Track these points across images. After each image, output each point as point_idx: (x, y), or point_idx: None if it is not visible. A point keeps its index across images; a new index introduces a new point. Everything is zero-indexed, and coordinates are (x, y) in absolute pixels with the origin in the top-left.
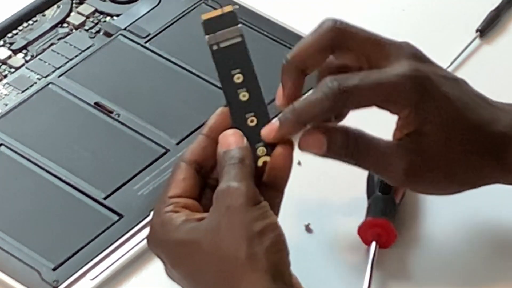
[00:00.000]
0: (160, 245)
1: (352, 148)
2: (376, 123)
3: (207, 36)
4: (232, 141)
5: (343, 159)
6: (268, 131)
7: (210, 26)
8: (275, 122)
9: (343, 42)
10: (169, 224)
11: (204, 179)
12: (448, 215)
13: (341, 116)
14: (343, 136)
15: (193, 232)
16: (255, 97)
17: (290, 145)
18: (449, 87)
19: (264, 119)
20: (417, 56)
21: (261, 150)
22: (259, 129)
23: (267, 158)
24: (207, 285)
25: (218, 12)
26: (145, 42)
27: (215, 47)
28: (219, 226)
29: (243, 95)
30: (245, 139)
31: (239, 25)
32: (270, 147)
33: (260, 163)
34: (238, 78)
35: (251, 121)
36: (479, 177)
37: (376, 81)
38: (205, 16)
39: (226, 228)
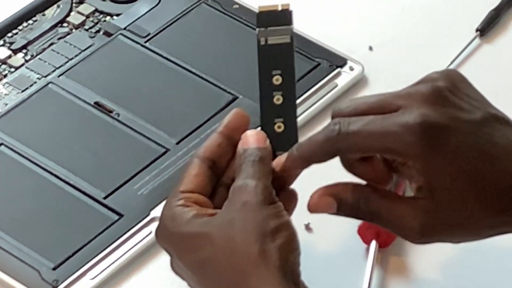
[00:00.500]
0: (169, 237)
1: (363, 208)
2: None
3: (257, 29)
4: (254, 140)
5: (357, 218)
6: (277, 162)
7: (264, 19)
8: (284, 155)
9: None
10: (180, 217)
11: (218, 177)
12: None
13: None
14: (353, 197)
15: (204, 225)
16: (289, 104)
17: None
18: (467, 135)
19: (291, 129)
20: (434, 98)
21: None
22: (284, 137)
23: None
24: (216, 279)
25: (274, 7)
26: (145, 42)
27: (262, 42)
28: (233, 221)
29: (277, 99)
30: (267, 141)
31: (292, 25)
32: None
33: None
34: (277, 80)
35: (279, 127)
36: (501, 232)
37: (380, 129)
38: (261, 8)
39: (240, 223)
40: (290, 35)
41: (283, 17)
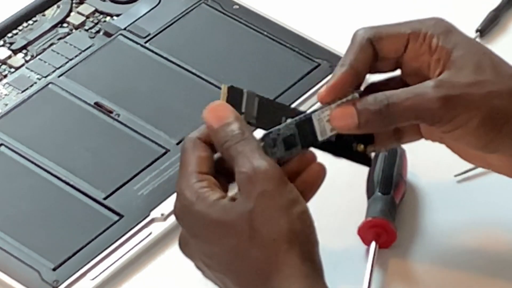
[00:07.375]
0: (196, 217)
1: (384, 108)
2: None
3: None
4: (222, 115)
5: (379, 124)
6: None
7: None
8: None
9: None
10: (207, 199)
11: None
12: (447, 215)
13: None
14: (374, 97)
15: (228, 213)
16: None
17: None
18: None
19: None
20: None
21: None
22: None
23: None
24: (244, 270)
25: (223, 94)
26: (145, 42)
27: (253, 121)
28: (255, 212)
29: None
30: (234, 112)
31: (245, 90)
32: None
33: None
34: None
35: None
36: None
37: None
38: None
39: (265, 214)
40: (255, 94)
41: (235, 94)
